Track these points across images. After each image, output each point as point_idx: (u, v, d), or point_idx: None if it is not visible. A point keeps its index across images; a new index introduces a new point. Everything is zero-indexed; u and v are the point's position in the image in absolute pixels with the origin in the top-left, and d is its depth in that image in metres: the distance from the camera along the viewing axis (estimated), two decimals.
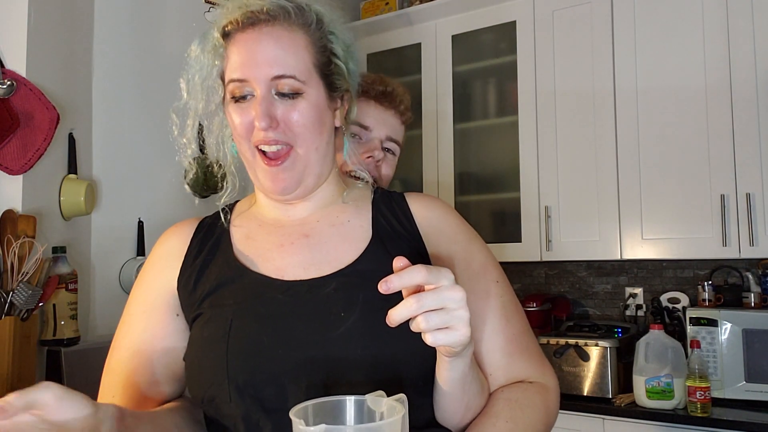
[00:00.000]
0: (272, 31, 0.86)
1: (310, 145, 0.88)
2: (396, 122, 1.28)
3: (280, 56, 0.85)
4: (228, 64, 0.88)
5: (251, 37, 0.86)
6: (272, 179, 0.88)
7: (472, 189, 2.94)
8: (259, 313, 0.84)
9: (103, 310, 2.06)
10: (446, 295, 0.66)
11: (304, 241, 0.91)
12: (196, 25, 2.61)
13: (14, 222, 1.64)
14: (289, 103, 0.86)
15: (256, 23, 0.86)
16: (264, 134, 0.85)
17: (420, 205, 0.96)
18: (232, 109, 0.88)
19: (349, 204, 0.96)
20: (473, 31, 2.90)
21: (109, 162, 2.12)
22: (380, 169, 1.26)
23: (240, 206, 1.00)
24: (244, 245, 0.93)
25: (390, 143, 1.27)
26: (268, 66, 0.85)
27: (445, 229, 0.94)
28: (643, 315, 2.71)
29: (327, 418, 0.65)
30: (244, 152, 0.89)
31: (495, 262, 0.95)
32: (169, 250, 0.95)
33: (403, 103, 1.29)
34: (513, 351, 0.89)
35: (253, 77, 0.85)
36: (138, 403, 0.88)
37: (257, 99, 0.85)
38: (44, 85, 1.77)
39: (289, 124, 0.86)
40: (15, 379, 1.56)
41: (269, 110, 0.85)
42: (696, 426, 2.10)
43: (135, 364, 0.90)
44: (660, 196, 2.42)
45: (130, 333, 0.92)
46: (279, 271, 0.88)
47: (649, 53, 2.47)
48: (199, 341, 0.86)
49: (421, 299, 0.65)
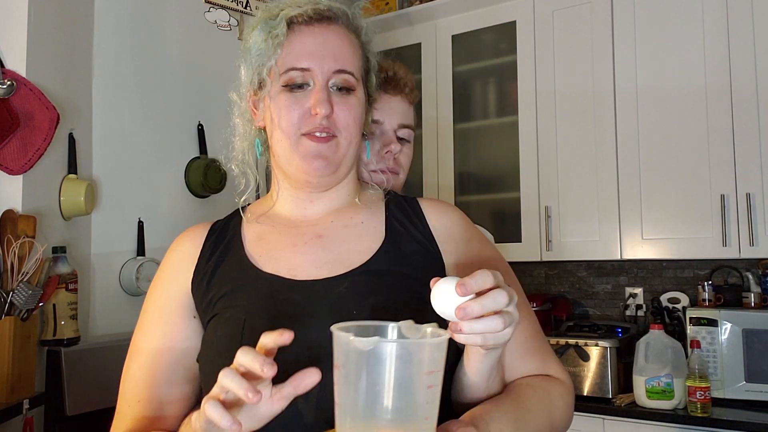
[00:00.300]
0: (337, 30, 0.92)
1: (352, 139, 0.92)
2: (404, 106, 1.27)
3: (344, 52, 0.91)
4: (287, 54, 0.90)
5: (318, 30, 0.91)
6: (314, 157, 0.90)
7: (472, 189, 2.94)
8: (272, 313, 0.84)
9: (103, 310, 2.06)
10: (501, 298, 0.67)
11: (318, 241, 0.92)
12: (196, 25, 2.63)
13: (14, 222, 1.64)
14: (343, 97, 0.91)
15: (322, 19, 0.91)
16: (320, 121, 0.88)
17: (433, 209, 0.97)
18: (283, 98, 0.90)
19: (362, 206, 0.97)
20: (473, 31, 2.89)
21: (109, 162, 2.12)
22: (399, 162, 1.26)
23: (253, 208, 1.01)
24: (256, 245, 0.94)
25: (403, 131, 1.27)
26: (333, 59, 0.90)
27: (458, 234, 0.95)
28: (643, 315, 2.71)
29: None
30: (283, 142, 0.91)
31: (508, 266, 0.96)
32: (183, 255, 0.96)
33: (408, 85, 1.28)
34: (526, 352, 0.90)
35: (318, 67, 0.89)
36: (160, 405, 0.89)
37: (317, 88, 0.89)
38: (44, 85, 1.77)
39: (340, 116, 0.90)
40: (15, 379, 1.57)
41: (329, 99, 0.89)
42: (696, 426, 2.10)
43: (156, 367, 0.90)
44: (660, 196, 2.42)
45: (148, 338, 0.93)
46: (292, 270, 0.89)
47: (649, 53, 2.47)
48: (213, 341, 0.87)
49: (496, 298, 0.66)
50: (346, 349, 0.62)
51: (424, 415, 0.62)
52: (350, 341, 0.61)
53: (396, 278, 0.87)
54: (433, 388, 0.62)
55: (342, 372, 0.62)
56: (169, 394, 0.90)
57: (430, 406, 0.62)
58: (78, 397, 1.73)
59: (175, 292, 0.94)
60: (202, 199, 2.36)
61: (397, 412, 0.60)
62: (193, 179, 2.32)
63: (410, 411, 0.61)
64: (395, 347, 0.60)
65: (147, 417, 0.88)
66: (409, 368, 0.61)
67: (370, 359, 0.60)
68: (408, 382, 0.61)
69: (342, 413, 0.63)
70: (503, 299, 0.66)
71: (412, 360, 0.61)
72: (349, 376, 0.62)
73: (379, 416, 0.60)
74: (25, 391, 1.60)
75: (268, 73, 0.90)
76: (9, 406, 1.52)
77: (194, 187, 2.33)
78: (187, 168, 2.33)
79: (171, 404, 0.90)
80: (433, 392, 0.62)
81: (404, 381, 0.60)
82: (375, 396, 0.60)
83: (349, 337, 0.61)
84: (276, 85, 0.90)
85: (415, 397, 0.61)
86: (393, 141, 1.24)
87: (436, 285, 0.68)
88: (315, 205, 0.95)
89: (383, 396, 0.60)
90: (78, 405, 1.73)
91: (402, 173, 1.27)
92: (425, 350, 0.62)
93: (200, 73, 2.35)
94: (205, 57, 2.38)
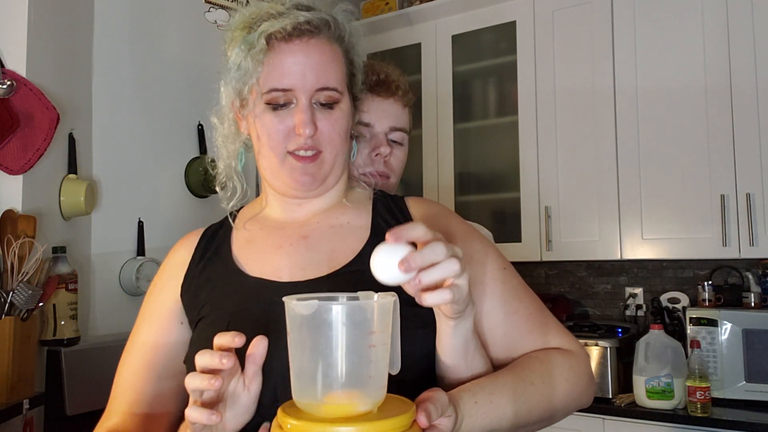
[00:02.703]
0: (318, 44, 0.90)
1: (337, 152, 0.92)
2: (397, 109, 1.25)
3: (325, 69, 0.89)
4: (268, 73, 0.89)
5: (298, 48, 0.89)
6: (301, 174, 0.90)
7: (472, 189, 2.94)
8: (255, 315, 0.84)
9: (103, 310, 2.06)
10: (440, 249, 0.67)
11: (303, 242, 0.92)
12: (196, 25, 2.63)
13: (14, 222, 1.63)
14: (327, 113, 0.90)
15: (302, 35, 0.89)
16: (304, 141, 0.88)
17: (418, 206, 0.97)
18: (267, 117, 0.90)
19: (349, 206, 0.97)
20: (473, 31, 2.89)
21: (109, 162, 2.12)
22: (390, 165, 1.24)
23: (245, 212, 1.02)
24: (243, 249, 0.95)
25: (395, 134, 1.24)
26: (315, 77, 0.88)
27: (443, 227, 0.94)
28: (643, 315, 2.71)
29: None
30: (270, 159, 0.91)
31: (499, 253, 0.96)
32: (175, 261, 0.98)
33: (401, 87, 1.26)
34: (532, 327, 0.90)
35: (300, 86, 0.88)
36: (148, 406, 0.91)
37: (300, 107, 0.88)
38: (44, 85, 1.77)
39: (324, 132, 0.90)
40: (15, 379, 1.57)
41: (313, 117, 0.88)
42: (696, 426, 2.10)
43: (144, 369, 0.92)
44: (660, 196, 2.42)
45: (136, 343, 0.95)
46: (277, 272, 0.90)
47: (649, 53, 2.47)
48: (200, 343, 0.87)
49: (424, 254, 0.66)
50: (292, 314, 0.65)
51: (368, 374, 0.64)
52: (293, 306, 0.65)
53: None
54: (377, 348, 0.64)
55: (291, 338, 0.66)
56: (157, 398, 0.91)
57: (374, 365, 0.64)
58: (78, 397, 1.74)
59: (166, 298, 0.96)
60: (202, 199, 2.36)
61: (342, 373, 0.63)
62: (193, 179, 2.32)
63: (356, 370, 0.64)
64: (335, 309, 0.63)
65: (132, 416, 0.90)
66: (351, 329, 0.63)
67: (314, 322, 0.64)
68: (351, 343, 0.63)
69: (295, 378, 0.66)
70: (441, 248, 0.67)
71: (354, 320, 0.64)
72: (296, 341, 0.66)
73: (326, 376, 0.64)
74: (25, 391, 1.60)
75: (249, 91, 0.90)
76: (9, 406, 1.52)
77: (194, 187, 2.33)
78: (187, 168, 2.33)
79: (159, 406, 0.91)
80: (376, 352, 0.64)
81: (348, 341, 0.63)
82: (323, 358, 0.63)
83: (292, 302, 0.65)
84: (259, 104, 0.90)
85: (360, 356, 0.64)
86: (383, 144, 1.22)
87: (374, 252, 0.68)
88: (303, 208, 0.96)
89: (330, 357, 0.63)
90: (78, 405, 1.73)
91: (393, 177, 1.25)
92: (366, 310, 0.64)
93: (200, 73, 2.35)
94: (206, 57, 2.38)
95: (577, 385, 0.88)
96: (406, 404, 0.66)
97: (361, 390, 0.64)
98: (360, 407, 0.64)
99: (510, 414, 0.79)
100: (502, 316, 0.88)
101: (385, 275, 0.67)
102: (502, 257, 0.95)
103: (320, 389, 0.64)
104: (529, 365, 0.85)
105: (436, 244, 0.67)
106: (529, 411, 0.81)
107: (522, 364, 0.85)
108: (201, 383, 0.67)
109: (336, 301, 0.68)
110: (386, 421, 0.62)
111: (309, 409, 0.65)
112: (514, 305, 0.90)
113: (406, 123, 1.27)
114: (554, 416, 0.86)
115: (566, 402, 0.86)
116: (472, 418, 0.74)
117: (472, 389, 0.77)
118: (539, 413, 0.83)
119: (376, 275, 0.68)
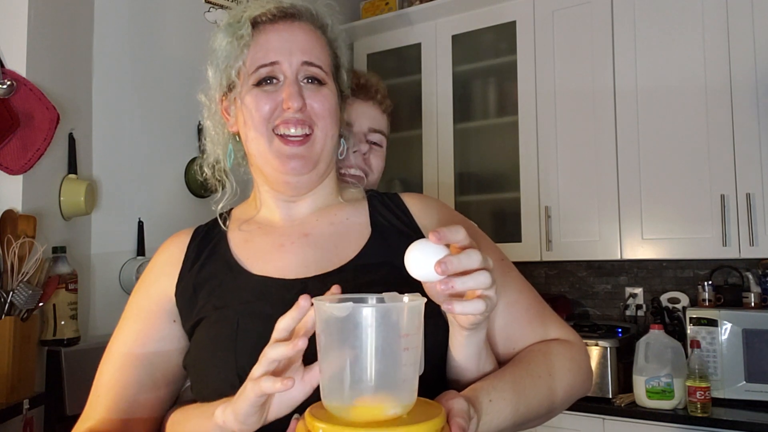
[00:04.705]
0: (302, 26, 0.93)
1: (328, 131, 0.91)
2: (376, 113, 1.30)
3: (311, 46, 0.91)
4: (254, 54, 0.90)
5: (283, 27, 0.91)
6: (289, 157, 0.89)
7: (472, 189, 2.94)
8: (265, 313, 0.83)
9: (103, 310, 2.06)
10: (476, 257, 0.67)
11: (304, 240, 0.92)
12: (196, 25, 2.63)
13: (14, 222, 1.64)
14: (315, 89, 0.91)
15: (286, 17, 0.92)
16: (292, 114, 0.88)
17: (415, 201, 0.98)
18: (254, 95, 0.90)
19: (345, 203, 0.98)
20: (473, 31, 2.89)
21: (109, 162, 2.12)
22: (369, 162, 1.29)
23: (236, 212, 1.01)
24: (243, 248, 0.94)
25: (374, 135, 1.30)
26: (300, 52, 0.90)
27: (441, 220, 0.95)
28: (643, 315, 2.71)
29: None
30: (258, 141, 0.90)
31: (496, 246, 0.96)
32: (166, 259, 0.96)
33: (380, 92, 1.31)
34: (531, 318, 0.90)
35: (286, 59, 0.89)
36: (129, 406, 0.89)
37: (288, 81, 0.89)
38: (44, 85, 1.77)
39: (314, 107, 0.90)
40: (15, 379, 1.57)
41: (301, 92, 0.89)
42: (696, 426, 2.10)
43: (127, 367, 0.90)
44: (660, 196, 2.42)
45: (122, 338, 0.93)
46: (281, 270, 0.89)
47: (649, 53, 2.47)
48: (205, 342, 0.87)
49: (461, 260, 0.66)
50: (325, 317, 0.64)
51: (402, 378, 0.64)
52: (327, 308, 0.64)
53: (387, 270, 0.87)
54: (410, 351, 0.64)
55: (322, 340, 0.65)
56: (139, 395, 0.89)
57: (408, 369, 0.64)
58: (78, 397, 1.73)
59: (156, 295, 0.93)
60: (202, 199, 2.36)
61: (376, 375, 0.62)
62: (193, 179, 2.32)
63: (388, 373, 0.63)
64: (370, 312, 0.62)
65: (111, 420, 0.88)
66: (384, 331, 0.62)
67: (346, 324, 0.62)
68: (384, 345, 0.62)
69: (325, 380, 0.65)
70: (477, 257, 0.67)
71: (387, 323, 0.63)
72: (327, 343, 0.64)
73: (359, 380, 0.62)
74: (25, 391, 1.60)
75: (237, 74, 0.91)
76: (9, 406, 1.52)
77: (194, 187, 2.33)
78: (187, 168, 2.33)
79: (141, 407, 0.90)
80: (409, 355, 0.64)
81: (380, 344, 0.62)
82: (354, 360, 0.62)
83: (326, 304, 0.64)
84: (246, 85, 0.91)
85: (392, 359, 0.63)
86: (362, 141, 1.27)
87: (410, 247, 0.68)
88: (299, 206, 0.96)
89: (361, 360, 0.62)
90: (78, 405, 1.70)
91: (372, 175, 1.29)
92: (399, 313, 0.64)
93: (200, 73, 2.34)
94: (206, 57, 2.38)
95: (579, 375, 0.89)
96: (435, 408, 0.66)
97: (391, 394, 0.63)
98: (390, 411, 0.63)
99: (523, 409, 0.80)
100: (502, 306, 0.88)
101: (419, 272, 0.68)
102: (499, 249, 0.95)
103: (350, 392, 0.63)
104: (534, 359, 0.86)
105: (473, 252, 0.67)
106: (539, 404, 0.83)
107: (527, 358, 0.86)
108: (285, 350, 0.66)
109: (366, 303, 0.67)
110: (417, 426, 0.61)
111: (337, 412, 0.63)
112: (513, 296, 0.90)
113: (384, 127, 1.33)
114: (557, 407, 0.87)
115: (569, 393, 0.88)
116: (488, 416, 0.75)
117: (486, 388, 0.78)
118: (547, 405, 0.84)
119: (410, 270, 0.68)
